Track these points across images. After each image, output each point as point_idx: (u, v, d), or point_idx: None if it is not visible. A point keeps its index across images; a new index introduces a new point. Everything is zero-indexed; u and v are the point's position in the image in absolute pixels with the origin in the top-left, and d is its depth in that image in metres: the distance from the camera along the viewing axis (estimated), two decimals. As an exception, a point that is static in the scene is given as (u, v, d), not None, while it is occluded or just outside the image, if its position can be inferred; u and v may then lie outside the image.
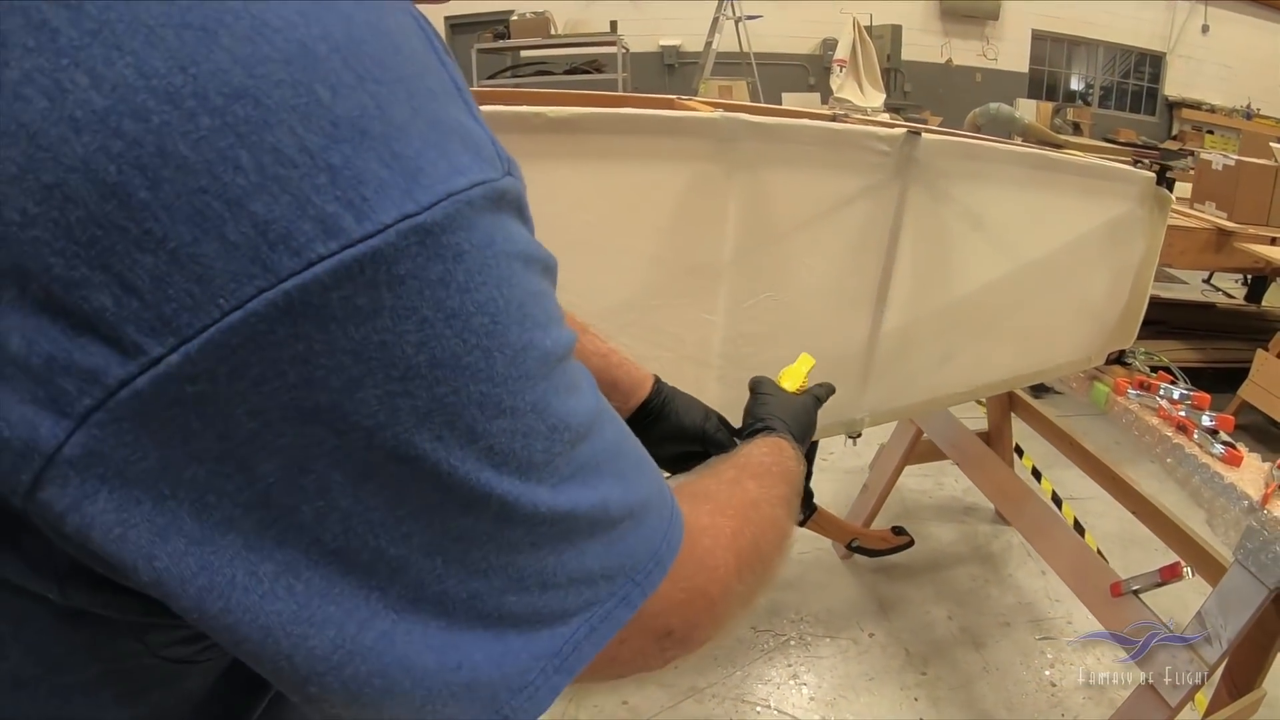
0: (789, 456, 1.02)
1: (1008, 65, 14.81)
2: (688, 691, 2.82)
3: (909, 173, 1.88)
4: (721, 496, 0.82)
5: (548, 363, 0.50)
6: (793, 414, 1.16)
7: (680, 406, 1.25)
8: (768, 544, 0.79)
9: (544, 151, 1.53)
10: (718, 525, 0.73)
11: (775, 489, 0.90)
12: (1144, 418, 2.54)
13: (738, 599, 0.72)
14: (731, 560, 0.71)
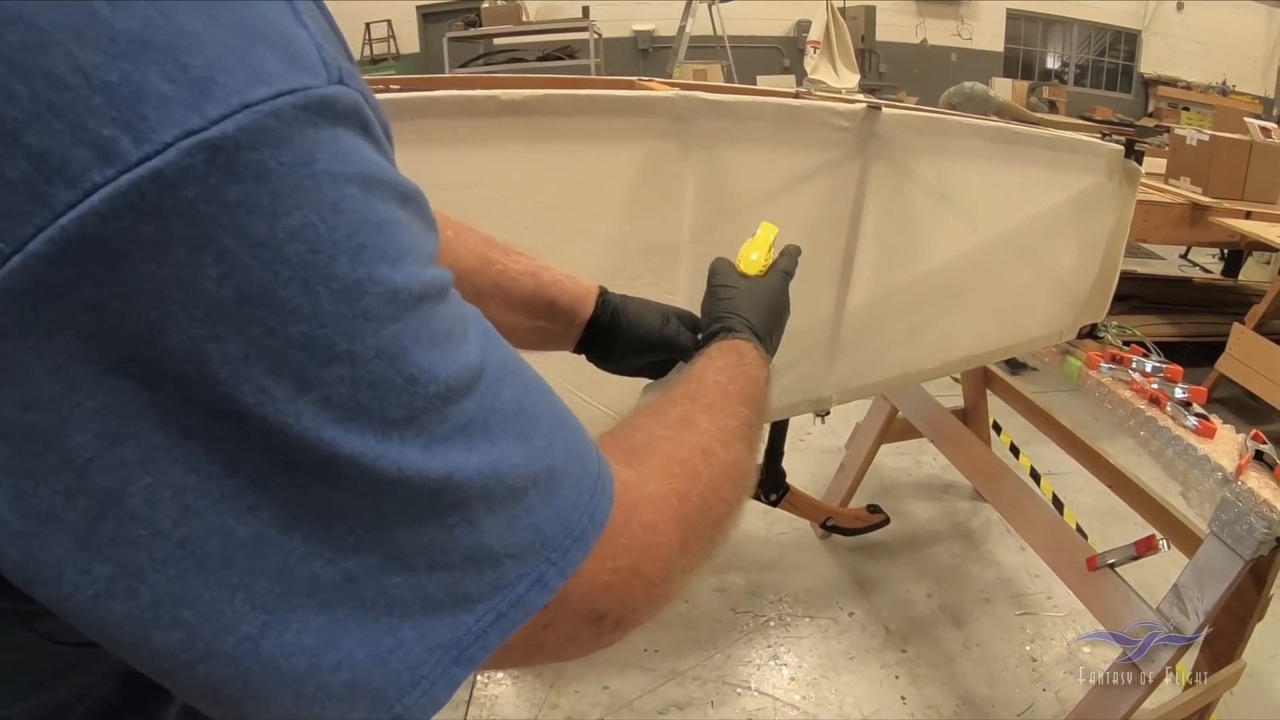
0: (751, 363, 0.93)
1: (983, 45, 14.84)
2: (668, 675, 2.81)
3: (871, 148, 1.87)
4: (667, 447, 0.73)
5: (399, 302, 0.44)
6: (755, 303, 1.05)
7: (633, 314, 1.16)
8: (723, 496, 0.73)
9: (498, 135, 1.52)
10: (661, 493, 0.66)
11: (732, 417, 0.81)
12: (1117, 391, 2.54)
13: (683, 571, 0.66)
14: (675, 533, 0.65)
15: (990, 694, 2.82)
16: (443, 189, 1.56)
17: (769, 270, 1.13)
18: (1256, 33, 14.72)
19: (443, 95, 1.49)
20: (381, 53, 12.96)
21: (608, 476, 0.60)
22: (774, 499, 2.87)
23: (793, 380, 2.04)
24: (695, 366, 0.90)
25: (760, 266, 1.12)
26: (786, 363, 2.03)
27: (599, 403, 1.82)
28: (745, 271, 1.11)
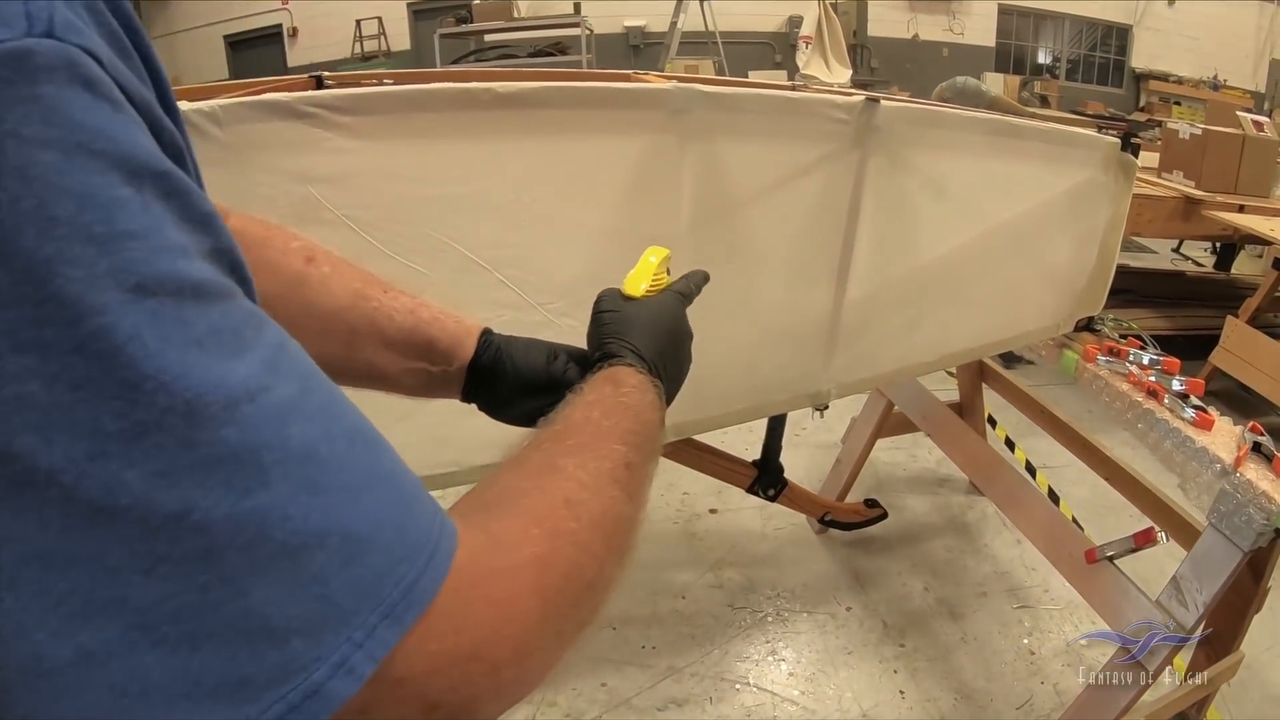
0: (631, 391, 0.82)
1: (975, 40, 14.88)
2: (666, 671, 2.81)
3: (869, 141, 1.87)
4: (525, 503, 0.63)
5: (109, 289, 0.38)
6: (640, 325, 0.93)
7: (517, 354, 1.04)
8: (593, 553, 0.64)
9: (494, 127, 1.51)
10: (514, 563, 0.57)
11: (605, 458, 0.71)
12: (1114, 384, 2.54)
13: (547, 650, 0.58)
14: (533, 608, 0.56)
15: (988, 687, 2.82)
16: (438, 183, 1.57)
17: (661, 291, 1.02)
18: (1247, 27, 14.78)
19: (437, 88, 1.49)
20: (372, 50, 12.96)
21: (444, 546, 0.52)
22: (772, 494, 2.86)
23: (790, 375, 2.04)
24: (565, 403, 0.80)
25: (645, 288, 1.01)
26: (785, 358, 2.03)
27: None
28: (629, 294, 1.00)
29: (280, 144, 1.50)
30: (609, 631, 2.96)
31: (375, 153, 1.52)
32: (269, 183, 1.52)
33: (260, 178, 1.51)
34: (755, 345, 1.96)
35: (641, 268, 1.03)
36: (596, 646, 2.89)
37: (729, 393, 1.98)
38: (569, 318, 1.70)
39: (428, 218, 1.57)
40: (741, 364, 1.95)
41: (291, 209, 1.54)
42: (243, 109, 1.47)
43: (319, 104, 1.47)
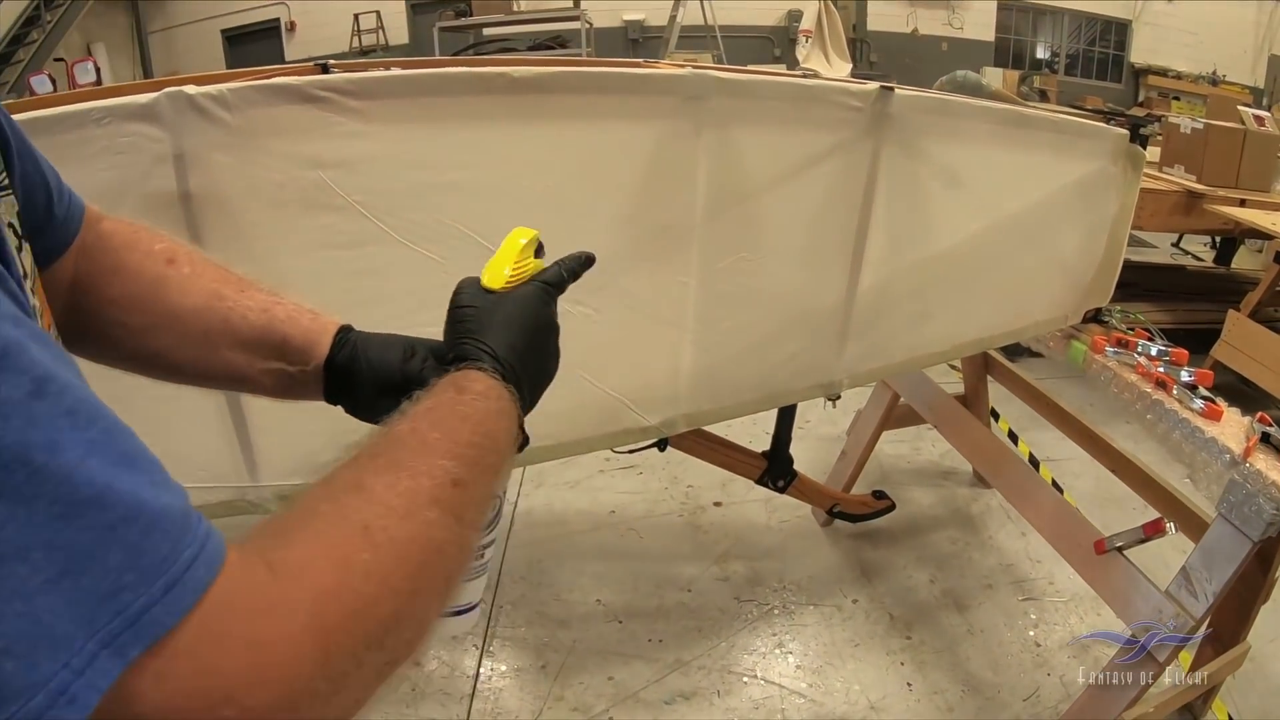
0: (476, 398, 0.75)
1: (974, 34, 14.87)
2: (673, 665, 2.80)
3: (883, 129, 1.86)
4: (319, 526, 0.59)
5: None
6: (496, 322, 0.85)
7: (373, 352, 0.97)
8: (392, 587, 0.58)
9: (509, 113, 1.51)
10: (289, 599, 0.52)
11: (424, 475, 0.65)
12: (1122, 374, 2.54)
13: (328, 696, 0.53)
14: (309, 650, 0.52)
15: (995, 679, 2.81)
16: (451, 169, 1.56)
17: (524, 283, 0.91)
18: (1246, 23, 14.75)
19: (451, 72, 1.48)
20: (370, 44, 12.94)
21: (193, 574, 0.48)
22: (782, 485, 2.86)
23: (804, 365, 2.03)
24: (399, 411, 0.73)
25: (506, 279, 0.90)
26: (798, 347, 2.02)
27: (607, 387, 1.81)
28: (490, 286, 0.90)
29: (291, 128, 1.50)
30: (615, 625, 2.95)
31: (387, 138, 1.52)
32: (278, 167, 1.51)
33: (269, 162, 1.51)
34: (769, 335, 1.96)
35: (503, 253, 0.92)
36: (603, 640, 2.89)
37: (743, 383, 1.97)
38: (583, 305, 1.69)
39: (440, 203, 1.57)
40: (756, 354, 1.95)
41: (301, 194, 1.53)
42: (252, 92, 1.47)
43: (330, 88, 1.46)
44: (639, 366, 1.84)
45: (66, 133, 1.43)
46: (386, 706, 2.60)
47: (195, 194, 1.51)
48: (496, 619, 2.99)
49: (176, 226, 1.53)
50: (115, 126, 1.45)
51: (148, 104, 1.45)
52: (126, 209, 1.49)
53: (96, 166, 1.46)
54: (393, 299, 1.65)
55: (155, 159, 1.48)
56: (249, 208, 1.55)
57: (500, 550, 3.34)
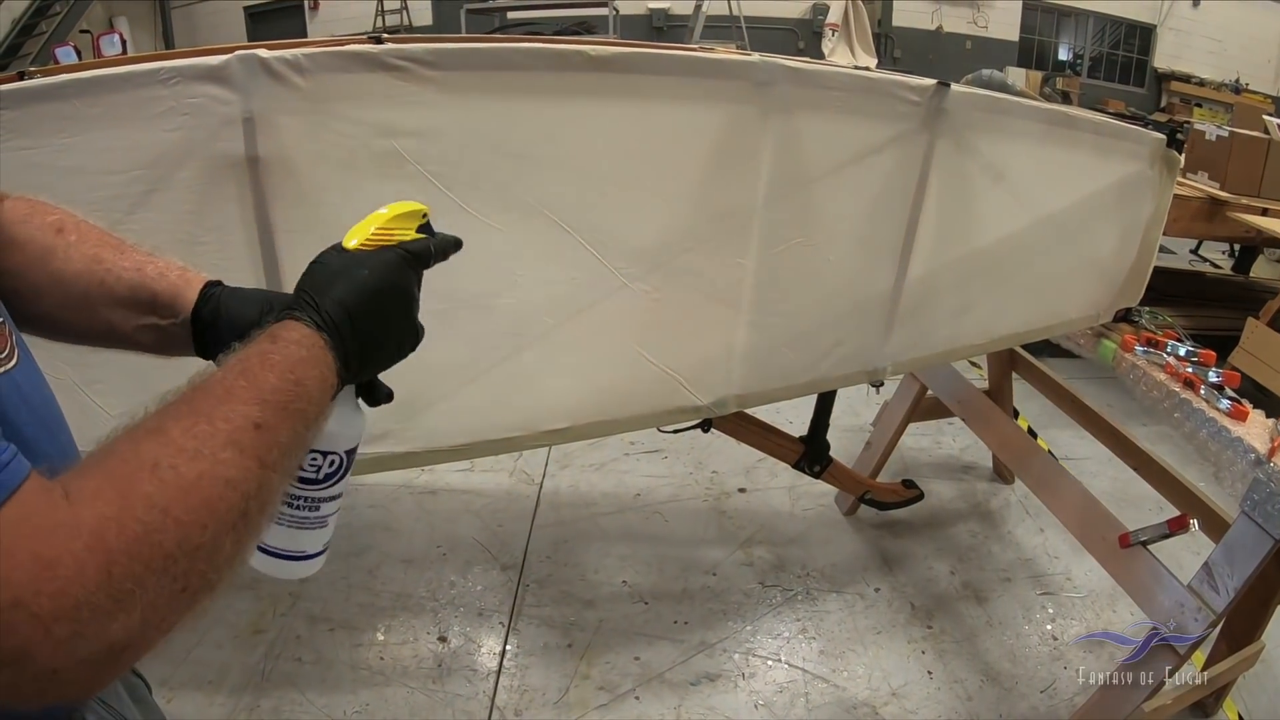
0: (285, 345, 0.77)
1: (998, 34, 14.83)
2: (698, 646, 2.85)
3: (937, 123, 1.90)
4: (112, 463, 0.63)
5: None
6: (336, 279, 0.85)
7: (235, 307, 0.99)
8: (176, 518, 0.62)
9: (583, 90, 1.54)
10: (75, 521, 0.58)
11: (223, 420, 0.68)
12: (1151, 373, 2.58)
13: (113, 612, 0.58)
14: (91, 567, 0.57)
15: (1013, 670, 2.86)
16: (523, 143, 1.60)
17: (384, 248, 0.90)
18: (1270, 31, 14.68)
19: (530, 47, 1.52)
20: (394, 24, 12.92)
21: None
22: (818, 470, 2.90)
23: (851, 351, 2.07)
24: (218, 359, 0.77)
25: (364, 239, 0.89)
26: (847, 333, 2.06)
27: (664, 364, 1.85)
28: (345, 245, 0.90)
29: (364, 95, 1.53)
30: (641, 606, 3.00)
31: (461, 109, 1.54)
32: (350, 133, 1.54)
33: (341, 128, 1.54)
34: (820, 320, 2.00)
35: (368, 219, 0.91)
36: (629, 621, 2.94)
37: (792, 367, 2.01)
38: (642, 282, 1.73)
39: (510, 176, 1.60)
40: (806, 338, 1.99)
41: (372, 161, 1.56)
42: (328, 58, 1.49)
43: (407, 57, 1.49)
44: (695, 346, 1.88)
45: (131, 91, 1.46)
46: (413, 681, 2.66)
47: (263, 157, 1.54)
48: (523, 597, 3.04)
49: (242, 189, 1.56)
50: (183, 87, 1.48)
51: (219, 65, 1.48)
52: (191, 170, 1.53)
53: (162, 126, 1.49)
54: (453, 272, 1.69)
55: (223, 121, 1.51)
56: (317, 173, 1.58)
57: (527, 528, 3.40)
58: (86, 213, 1.47)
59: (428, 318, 1.69)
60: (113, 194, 1.51)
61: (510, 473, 3.76)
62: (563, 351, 1.80)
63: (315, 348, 0.79)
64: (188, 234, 1.58)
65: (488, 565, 3.19)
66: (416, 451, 1.83)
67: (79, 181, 1.49)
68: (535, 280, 1.73)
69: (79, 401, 1.57)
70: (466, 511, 3.49)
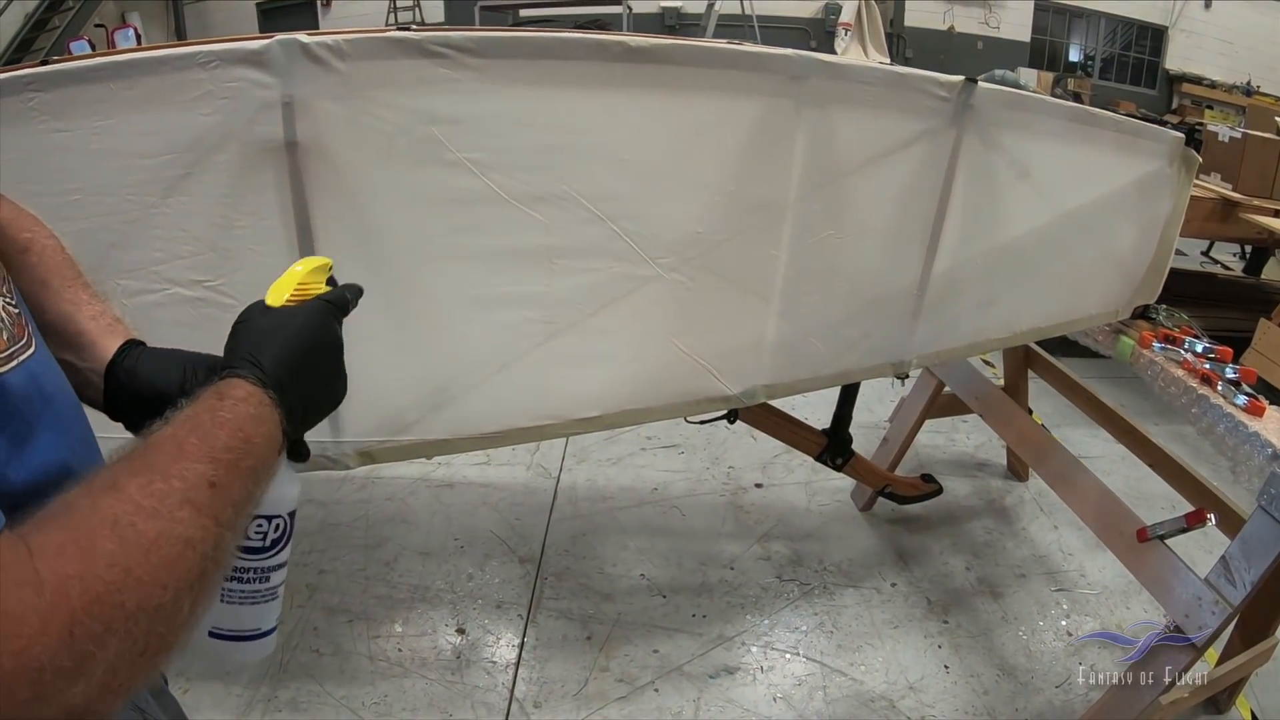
0: (234, 404, 0.77)
1: (1010, 34, 14.84)
2: (717, 639, 2.86)
3: (965, 119, 1.92)
4: (71, 520, 0.62)
5: None
6: (270, 336, 0.86)
7: (157, 366, 0.99)
8: (137, 577, 0.61)
9: (622, 80, 1.56)
10: (38, 578, 0.56)
11: (176, 477, 0.67)
12: (1169, 369, 2.59)
13: (72, 674, 0.56)
14: (54, 627, 0.55)
15: (1029, 665, 2.87)
16: (562, 132, 1.62)
17: (305, 301, 0.92)
18: (1282, 34, 14.68)
19: (571, 36, 1.54)
20: (406, 21, 12.93)
21: None
22: (840, 463, 2.93)
23: (877, 343, 2.09)
24: (163, 418, 0.75)
25: (287, 296, 0.91)
26: (873, 325, 2.08)
27: (695, 354, 1.87)
28: (270, 303, 0.91)
29: (406, 82, 1.54)
30: (659, 600, 3.02)
31: (502, 97, 1.56)
32: (390, 119, 1.56)
33: (381, 114, 1.55)
34: (848, 311, 2.02)
35: (286, 277, 0.93)
36: (647, 614, 2.96)
37: (820, 358, 2.03)
38: (676, 273, 1.75)
39: (549, 165, 1.62)
40: (834, 330, 2.01)
41: (411, 147, 1.58)
42: (370, 44, 1.51)
43: (449, 44, 1.51)
44: (726, 336, 1.90)
45: (168, 75, 1.47)
46: (431, 673, 2.68)
47: (301, 142, 1.55)
48: (541, 590, 3.06)
49: (279, 174, 1.58)
50: (222, 71, 1.49)
51: (258, 49, 1.49)
52: (228, 154, 1.55)
53: (199, 110, 1.51)
54: (487, 258, 1.71)
55: (262, 105, 1.53)
56: (356, 158, 1.59)
57: (544, 522, 3.42)
58: (124, 196, 1.51)
59: (464, 307, 1.72)
60: (147, 178, 1.53)
61: (527, 466, 3.78)
62: (596, 340, 1.82)
63: (262, 405, 0.79)
64: (223, 218, 1.59)
65: (506, 558, 3.21)
66: (446, 439, 1.85)
67: (113, 165, 1.51)
68: (571, 269, 1.74)
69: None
70: (484, 504, 3.51)
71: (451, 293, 1.72)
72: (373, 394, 1.68)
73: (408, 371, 1.78)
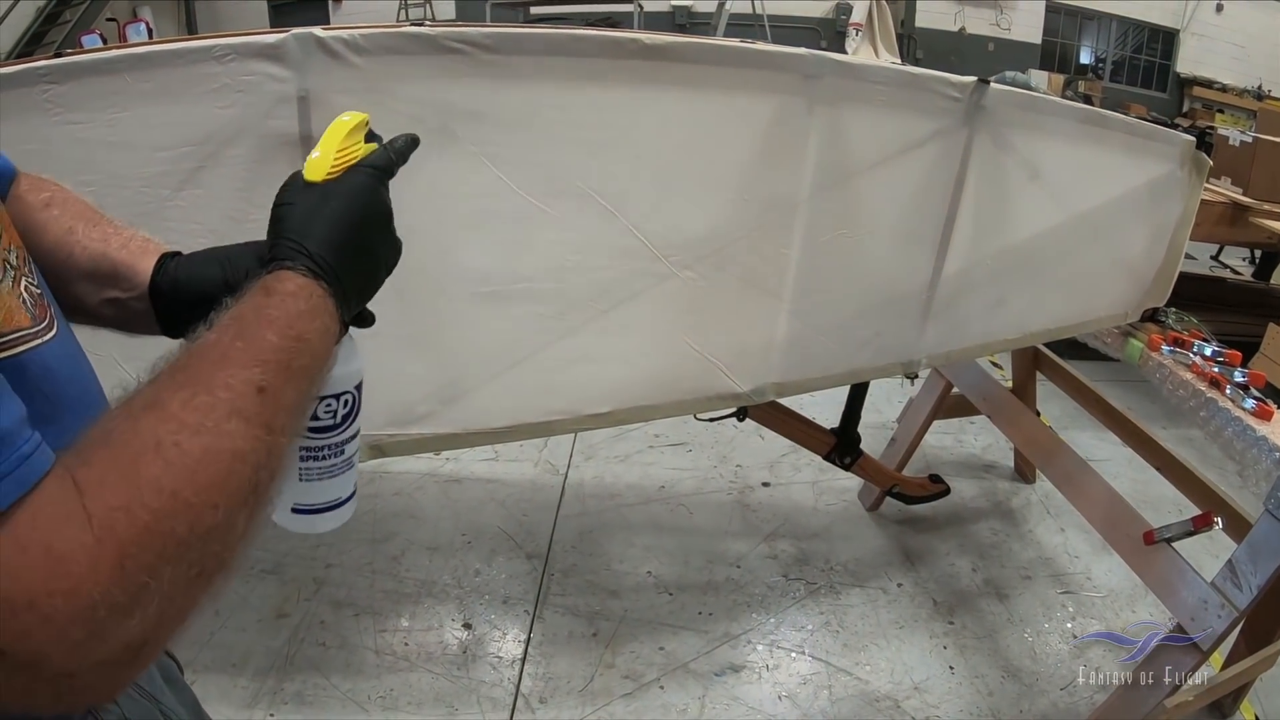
0: (282, 299, 0.72)
1: (1021, 35, 14.82)
2: (722, 637, 2.87)
3: (977, 119, 1.92)
4: (112, 448, 0.59)
5: None
6: (317, 217, 0.80)
7: (194, 270, 0.94)
8: (186, 501, 0.58)
9: (636, 77, 1.57)
10: (86, 513, 0.55)
11: (223, 388, 0.63)
12: (1178, 372, 2.59)
13: (129, 609, 0.55)
14: (105, 561, 0.54)
15: (1033, 668, 2.87)
16: (576, 128, 1.63)
17: (346, 171, 0.84)
18: (1295, 38, 14.63)
19: (586, 33, 1.55)
20: (418, 18, 12.93)
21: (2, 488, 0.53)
22: (848, 462, 2.93)
23: (888, 342, 2.10)
24: (208, 320, 0.70)
25: (329, 170, 0.83)
26: (884, 325, 2.09)
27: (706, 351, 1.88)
28: (310, 179, 0.83)
29: (421, 76, 1.55)
30: (666, 597, 3.02)
31: (517, 92, 1.57)
32: (406, 113, 1.57)
33: (397, 107, 1.56)
34: (859, 310, 2.02)
35: (326, 141, 0.85)
36: (654, 611, 2.96)
37: (830, 356, 2.04)
38: (689, 270, 1.76)
39: (563, 161, 1.62)
40: (845, 328, 2.02)
41: (426, 142, 1.58)
42: (386, 38, 1.52)
43: (466, 40, 1.52)
44: (737, 334, 1.91)
45: (184, 67, 1.48)
46: (438, 667, 2.68)
47: (317, 136, 1.56)
48: (548, 586, 3.06)
49: (294, 167, 1.57)
50: (238, 64, 1.50)
51: (275, 43, 1.51)
52: (243, 147, 1.56)
53: (215, 103, 1.51)
54: (501, 253, 1.71)
55: (278, 98, 1.54)
56: (371, 153, 1.60)
57: (552, 518, 3.43)
58: (137, 188, 1.52)
59: (477, 302, 1.73)
60: (162, 170, 1.54)
61: (535, 463, 3.79)
62: (608, 336, 1.83)
63: (314, 297, 0.74)
64: (238, 210, 1.60)
65: (513, 554, 3.21)
66: (458, 433, 1.86)
67: (127, 156, 1.52)
68: (584, 266, 1.75)
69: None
70: (491, 500, 3.52)
71: (464, 287, 1.72)
72: (383, 387, 1.69)
73: (419, 365, 1.79)
